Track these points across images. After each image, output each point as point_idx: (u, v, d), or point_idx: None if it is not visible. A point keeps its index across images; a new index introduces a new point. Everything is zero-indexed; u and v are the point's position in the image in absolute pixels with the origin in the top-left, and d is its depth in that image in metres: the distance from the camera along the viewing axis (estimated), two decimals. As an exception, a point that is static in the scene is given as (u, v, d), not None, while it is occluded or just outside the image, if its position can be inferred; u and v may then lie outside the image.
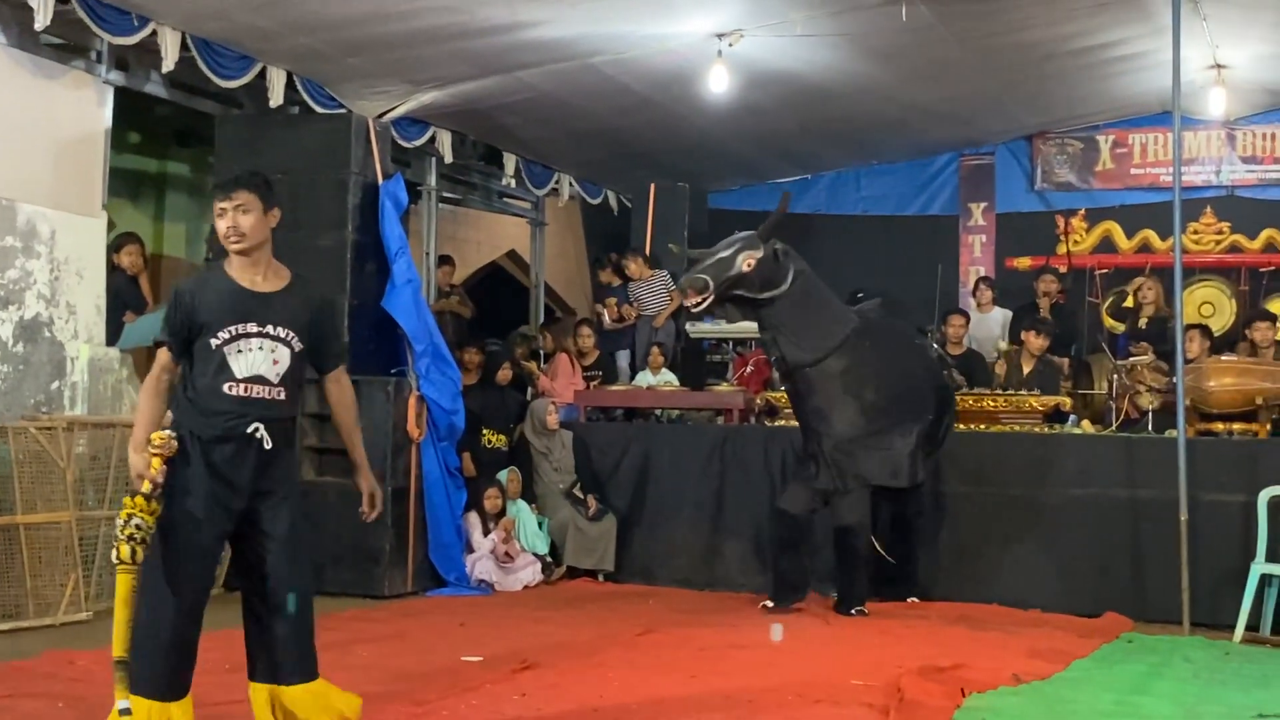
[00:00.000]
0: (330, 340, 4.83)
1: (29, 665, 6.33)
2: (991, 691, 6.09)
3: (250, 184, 4.67)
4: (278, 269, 4.75)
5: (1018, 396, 9.89)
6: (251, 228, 4.63)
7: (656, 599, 9.37)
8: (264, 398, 4.59)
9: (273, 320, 4.61)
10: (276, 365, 4.60)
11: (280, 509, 4.64)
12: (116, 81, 9.25)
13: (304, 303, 4.73)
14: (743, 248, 8.33)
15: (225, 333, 4.56)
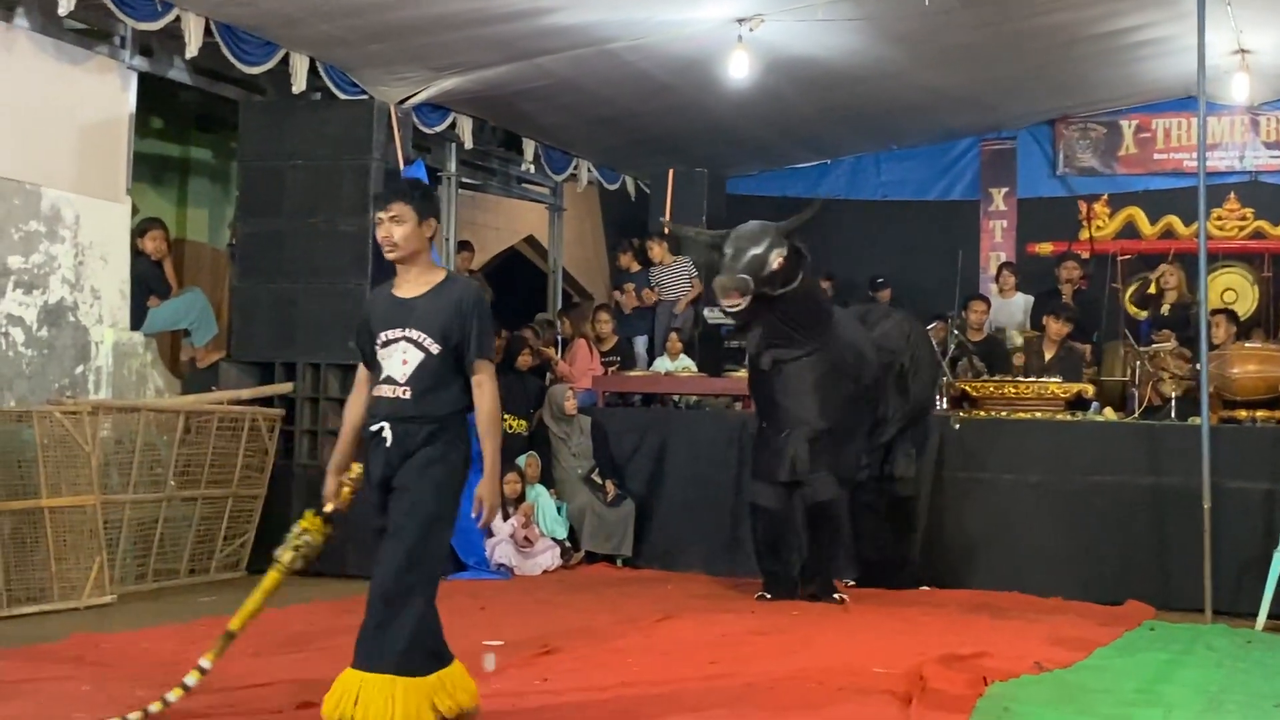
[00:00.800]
0: (467, 340, 4.74)
1: (55, 648, 6.36)
2: (1014, 680, 6.08)
3: (406, 196, 4.83)
4: (431, 274, 4.85)
5: (1039, 383, 9.87)
6: (404, 238, 4.77)
7: (675, 584, 9.38)
8: (389, 397, 4.73)
9: (412, 324, 4.75)
10: (405, 365, 4.72)
11: (400, 506, 4.73)
12: (140, 67, 9.28)
13: (445, 305, 4.77)
14: (773, 244, 8.22)
15: (380, 338, 4.80)
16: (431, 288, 4.81)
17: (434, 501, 4.71)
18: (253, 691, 5.42)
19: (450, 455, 4.76)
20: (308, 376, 9.52)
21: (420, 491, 4.70)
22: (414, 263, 4.83)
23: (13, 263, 8.43)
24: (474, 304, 4.79)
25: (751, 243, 8.23)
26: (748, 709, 5.32)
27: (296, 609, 7.82)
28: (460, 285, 4.89)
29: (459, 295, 4.80)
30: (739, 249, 8.24)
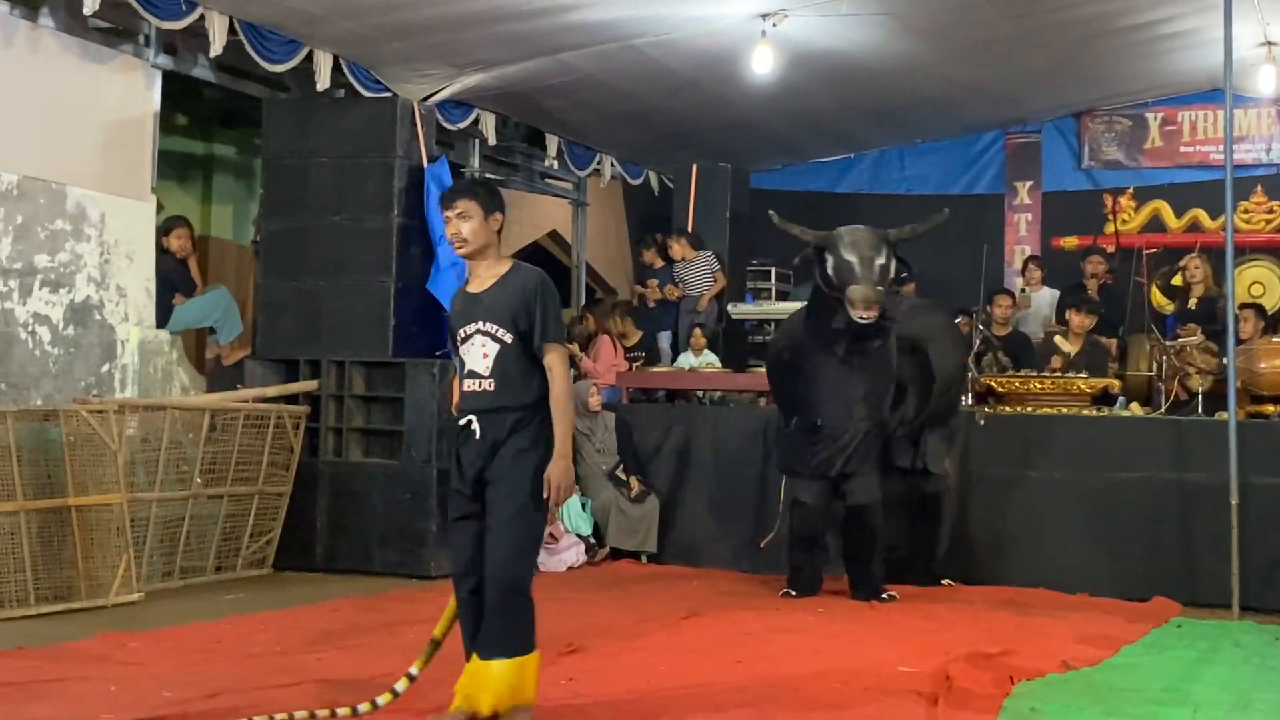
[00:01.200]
0: (535, 325, 4.86)
1: (81, 647, 6.39)
2: (1040, 679, 6.05)
3: (470, 192, 5.01)
4: (499, 266, 5.00)
5: (1065, 378, 9.82)
6: (472, 233, 4.94)
7: (700, 580, 9.37)
8: (475, 390, 4.91)
9: (484, 317, 4.89)
10: (485, 359, 4.88)
11: (497, 498, 4.86)
12: (165, 66, 9.31)
13: (512, 294, 4.89)
14: (890, 254, 8.19)
15: (459, 335, 4.98)
16: (499, 278, 4.95)
17: (530, 490, 4.83)
18: (279, 692, 5.42)
19: (539, 442, 4.86)
20: (332, 374, 9.53)
21: (516, 482, 4.83)
22: (483, 257, 4.98)
23: (39, 261, 8.48)
24: (537, 288, 4.89)
25: (874, 252, 8.13)
26: (773, 709, 5.31)
27: (322, 606, 7.87)
28: (525, 272, 4.98)
29: (523, 282, 4.91)
30: (865, 258, 8.10)
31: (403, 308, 9.47)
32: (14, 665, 5.87)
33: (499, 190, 5.13)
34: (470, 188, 5.07)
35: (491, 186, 5.13)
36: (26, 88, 8.40)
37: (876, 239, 8.23)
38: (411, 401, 9.36)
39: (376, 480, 9.37)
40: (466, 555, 4.95)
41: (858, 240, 8.21)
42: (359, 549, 9.35)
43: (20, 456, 7.34)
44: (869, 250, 8.14)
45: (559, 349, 4.90)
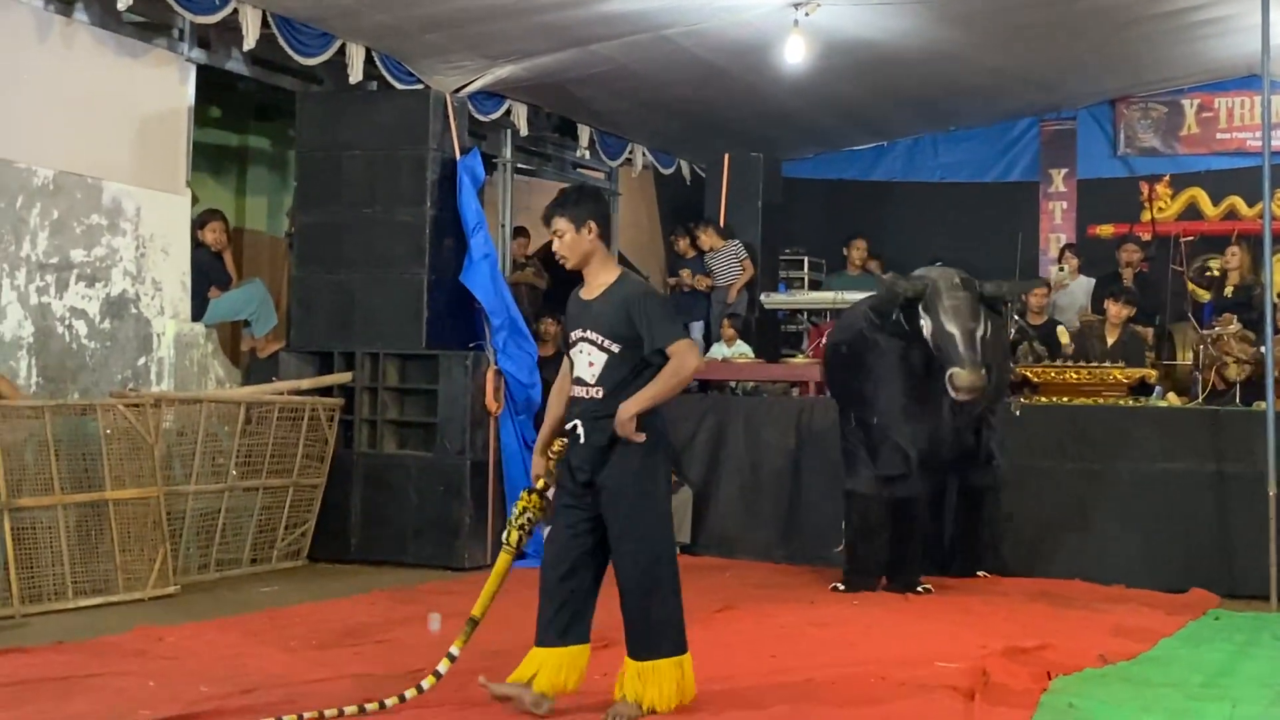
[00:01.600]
0: (645, 336, 4.99)
1: (119, 641, 6.43)
2: (1077, 674, 6.02)
3: (560, 209, 5.14)
4: (605, 274, 5.15)
5: (1101, 369, 9.75)
6: (569, 248, 5.12)
7: (733, 572, 9.36)
8: (583, 397, 5.07)
9: (590, 325, 5.08)
10: (592, 367, 5.05)
11: (619, 508, 5.02)
12: (199, 60, 9.36)
13: (615, 306, 5.04)
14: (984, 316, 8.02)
15: (570, 338, 5.18)
16: (605, 289, 5.11)
17: (650, 495, 5.03)
18: (315, 686, 5.44)
19: (649, 448, 5.00)
20: (367, 366, 9.55)
21: (635, 491, 5.00)
22: (588, 265, 5.15)
23: (75, 256, 8.53)
24: (640, 300, 5.04)
25: (975, 322, 7.90)
26: (809, 705, 5.29)
27: (358, 599, 7.90)
28: (628, 285, 5.13)
29: (625, 294, 5.06)
30: (967, 331, 7.85)
31: (436, 300, 9.48)
32: (53, 660, 5.91)
33: (591, 196, 5.28)
34: (561, 205, 5.16)
35: (581, 195, 5.22)
36: (61, 83, 8.44)
37: (974, 302, 7.95)
38: (445, 393, 9.37)
39: (410, 472, 9.40)
40: (561, 541, 5.14)
41: (959, 307, 7.88)
42: (393, 541, 9.38)
43: (58, 450, 7.38)
44: (971, 320, 7.87)
45: (680, 343, 5.00)
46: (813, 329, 12.37)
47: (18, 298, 8.18)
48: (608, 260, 5.21)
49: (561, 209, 5.12)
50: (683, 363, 4.98)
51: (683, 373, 5.01)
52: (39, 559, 7.28)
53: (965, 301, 7.91)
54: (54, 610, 7.23)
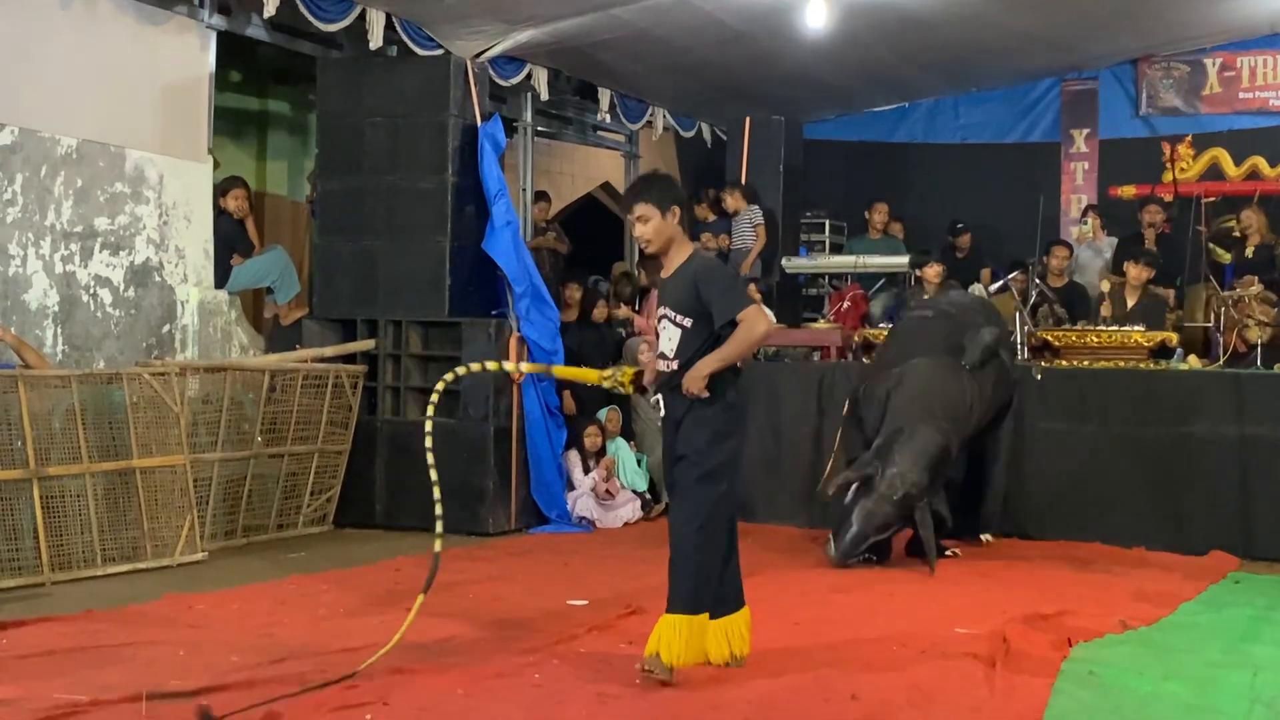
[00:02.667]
0: (713, 310, 5.15)
1: (148, 609, 6.49)
2: (1098, 640, 6.06)
3: (644, 194, 5.28)
4: (680, 254, 5.32)
5: (1122, 331, 9.74)
6: (655, 233, 5.27)
7: (755, 537, 9.31)
8: (664, 370, 5.30)
9: (667, 304, 5.30)
10: (670, 342, 5.27)
11: (682, 468, 5.24)
12: (219, 26, 9.36)
13: (686, 282, 5.22)
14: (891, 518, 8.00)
15: (657, 314, 5.38)
16: (679, 266, 5.30)
17: (708, 459, 5.19)
18: (345, 655, 5.50)
19: (716, 411, 5.18)
20: (390, 333, 9.59)
21: (694, 453, 5.19)
22: (671, 249, 5.32)
23: (99, 224, 8.58)
24: (706, 274, 5.23)
25: (879, 531, 8.00)
26: (831, 673, 5.33)
27: (383, 565, 7.96)
28: (696, 260, 5.32)
29: (694, 269, 5.24)
30: (863, 533, 7.94)
31: (458, 267, 9.51)
32: (84, 629, 5.98)
33: (672, 181, 5.41)
34: (644, 190, 5.28)
35: (664, 180, 5.37)
36: (83, 52, 8.47)
37: (886, 510, 7.94)
38: (468, 360, 9.36)
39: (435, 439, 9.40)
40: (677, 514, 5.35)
41: (871, 512, 7.93)
42: (418, 506, 9.36)
43: (85, 419, 7.45)
44: (867, 526, 7.94)
45: (750, 309, 5.16)
46: (834, 293, 12.36)
47: (43, 267, 8.23)
48: (684, 241, 5.34)
49: (646, 195, 5.24)
50: (753, 327, 5.13)
51: (753, 335, 5.17)
52: (68, 527, 7.35)
53: (883, 515, 7.93)
54: (83, 578, 7.30)
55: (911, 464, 7.97)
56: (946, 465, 8.18)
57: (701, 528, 5.17)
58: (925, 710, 4.85)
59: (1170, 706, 5.08)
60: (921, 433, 8.06)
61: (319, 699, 4.84)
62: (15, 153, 8.06)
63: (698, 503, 5.18)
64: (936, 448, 8.06)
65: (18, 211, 8.08)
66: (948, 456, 8.16)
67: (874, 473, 8.02)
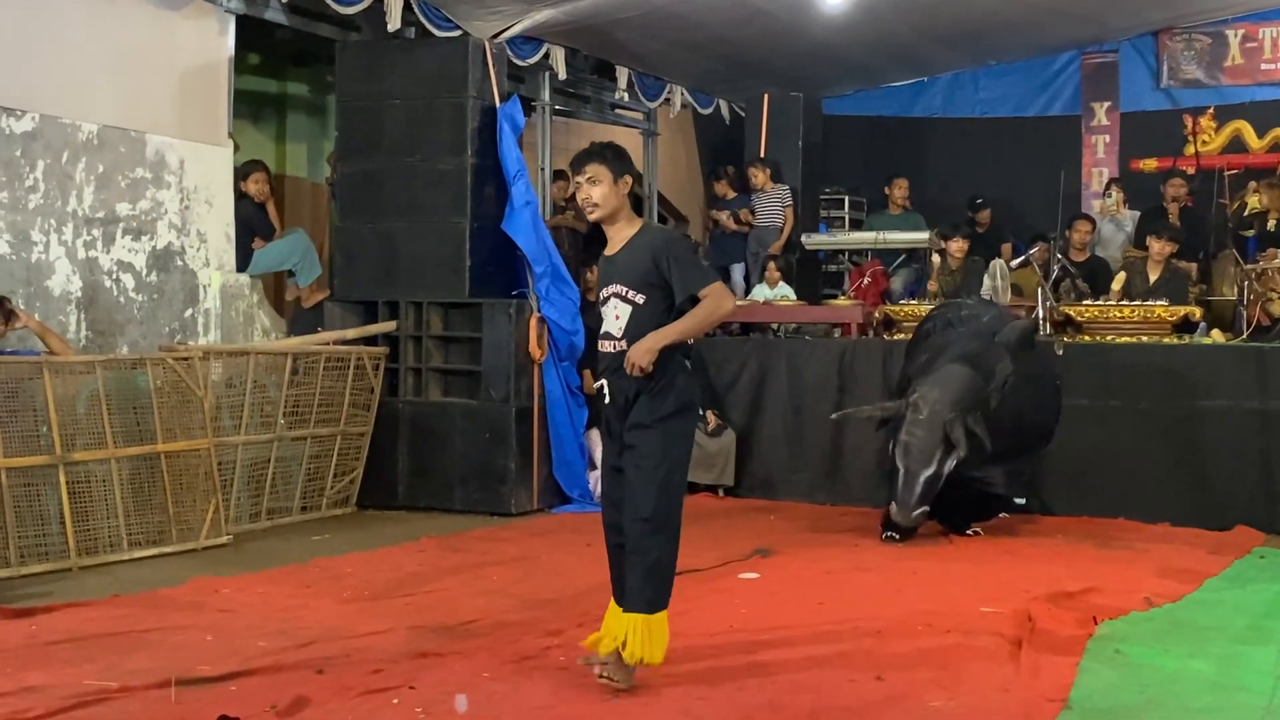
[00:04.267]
0: (674, 283, 4.83)
1: (175, 594, 6.52)
2: (1123, 618, 6.06)
3: (599, 156, 4.98)
4: (629, 228, 4.99)
5: (1145, 306, 9.69)
6: (603, 197, 4.94)
7: (778, 514, 9.43)
8: (609, 351, 4.93)
9: (617, 279, 4.93)
10: (618, 320, 4.90)
11: (631, 454, 4.86)
12: (237, 10, 9.35)
13: (641, 254, 4.89)
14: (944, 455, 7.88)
15: (600, 297, 5.06)
16: (629, 240, 4.96)
17: (663, 449, 4.85)
18: (371, 639, 5.53)
19: (669, 398, 4.85)
20: (410, 314, 9.61)
21: (648, 443, 4.84)
22: (615, 220, 4.99)
23: (121, 210, 8.60)
24: (666, 246, 4.91)
25: (922, 462, 7.87)
26: (857, 654, 5.34)
27: (407, 547, 8.00)
28: (652, 232, 5.04)
29: (650, 241, 4.94)
30: (910, 470, 7.89)
31: (478, 248, 9.52)
32: (112, 614, 6.02)
33: (626, 154, 5.11)
34: (599, 152, 5.00)
35: (620, 150, 5.08)
36: (103, 38, 8.48)
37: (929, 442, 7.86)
38: (489, 341, 9.43)
39: (456, 419, 9.48)
40: (612, 514, 5.00)
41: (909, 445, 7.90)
42: (440, 487, 9.48)
43: (110, 404, 7.48)
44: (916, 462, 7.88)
45: (714, 285, 4.86)
46: (854, 269, 12.33)
47: (65, 253, 8.26)
48: (632, 215, 5.05)
49: (601, 158, 4.96)
50: (718, 303, 4.84)
51: (716, 313, 4.91)
52: (94, 512, 7.39)
53: (918, 440, 7.88)
54: (109, 562, 7.35)
55: (932, 385, 8.01)
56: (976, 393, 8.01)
57: (658, 522, 4.81)
58: (951, 690, 4.86)
59: (1196, 683, 5.08)
60: (945, 368, 8.08)
61: (345, 683, 4.86)
62: (36, 139, 8.07)
63: (653, 495, 4.80)
64: (962, 375, 8.04)
65: (40, 198, 8.10)
66: (975, 384, 8.04)
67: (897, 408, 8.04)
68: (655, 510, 4.81)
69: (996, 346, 8.40)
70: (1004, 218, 12.95)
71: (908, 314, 10.16)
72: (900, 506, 7.88)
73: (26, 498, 7.13)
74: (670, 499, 4.87)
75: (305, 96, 12.03)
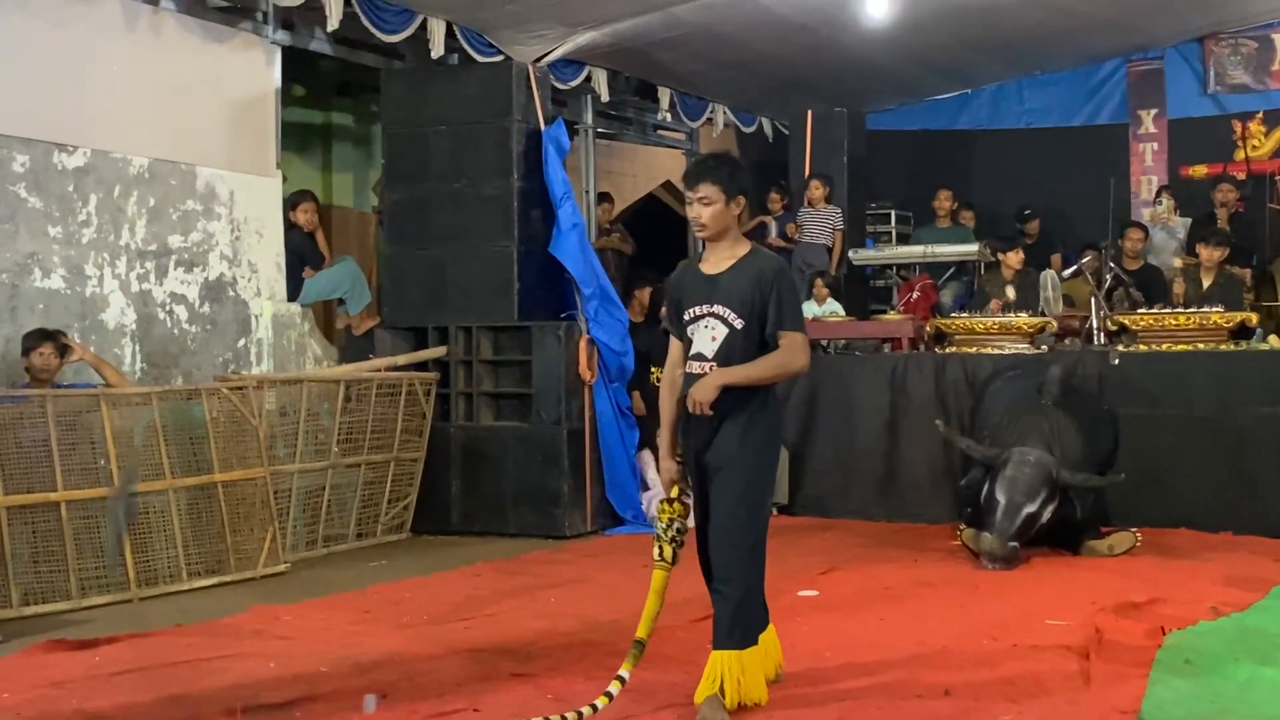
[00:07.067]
0: (771, 313, 4.69)
1: (236, 622, 6.53)
2: (1191, 628, 5.96)
3: (713, 174, 4.77)
4: (737, 248, 4.82)
5: (1200, 313, 9.58)
6: (712, 218, 4.75)
7: (833, 531, 9.35)
8: (698, 373, 4.75)
9: (717, 300, 4.75)
10: (714, 342, 4.74)
11: (720, 479, 4.73)
12: (283, 41, 9.44)
13: (747, 279, 4.73)
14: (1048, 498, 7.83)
15: (688, 314, 4.82)
16: (736, 262, 4.79)
17: (753, 472, 4.74)
18: (431, 664, 5.52)
19: (759, 422, 4.74)
20: (460, 339, 9.63)
21: (737, 466, 4.71)
22: (722, 239, 4.82)
23: (173, 242, 8.67)
24: (774, 276, 4.73)
25: (1027, 496, 7.79)
26: (923, 670, 5.28)
27: (463, 571, 7.99)
28: (762, 258, 4.83)
29: (760, 268, 4.75)
30: (1013, 502, 7.79)
31: (526, 271, 9.53)
32: (175, 643, 6.03)
33: (743, 167, 4.88)
34: (714, 168, 4.78)
35: (735, 165, 4.85)
36: (151, 72, 8.57)
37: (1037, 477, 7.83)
38: (539, 364, 9.43)
39: (508, 443, 9.48)
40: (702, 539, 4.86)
41: (1017, 478, 7.83)
42: (494, 511, 9.48)
43: (166, 435, 7.52)
44: (1021, 495, 7.78)
45: (798, 337, 4.71)
46: (902, 284, 12.27)
47: (119, 286, 8.33)
48: (739, 236, 4.86)
49: (715, 175, 4.75)
50: (792, 357, 4.69)
51: (789, 367, 4.75)
52: (153, 543, 7.42)
53: (1025, 476, 7.82)
54: (169, 592, 7.38)
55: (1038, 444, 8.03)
56: None
57: (751, 551, 4.72)
58: (1021, 704, 4.80)
59: (1269, 692, 4.99)
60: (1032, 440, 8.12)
61: (409, 707, 4.85)
62: (88, 174, 8.15)
63: (744, 523, 4.69)
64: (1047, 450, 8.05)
65: (93, 232, 8.18)
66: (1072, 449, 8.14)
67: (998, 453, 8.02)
68: (743, 537, 4.70)
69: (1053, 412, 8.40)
70: (1052, 228, 12.87)
71: (959, 327, 10.09)
72: (997, 534, 7.73)
73: (86, 530, 7.16)
74: (758, 526, 4.77)
75: (350, 126, 12.11)
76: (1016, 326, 9.86)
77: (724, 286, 4.76)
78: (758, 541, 4.77)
